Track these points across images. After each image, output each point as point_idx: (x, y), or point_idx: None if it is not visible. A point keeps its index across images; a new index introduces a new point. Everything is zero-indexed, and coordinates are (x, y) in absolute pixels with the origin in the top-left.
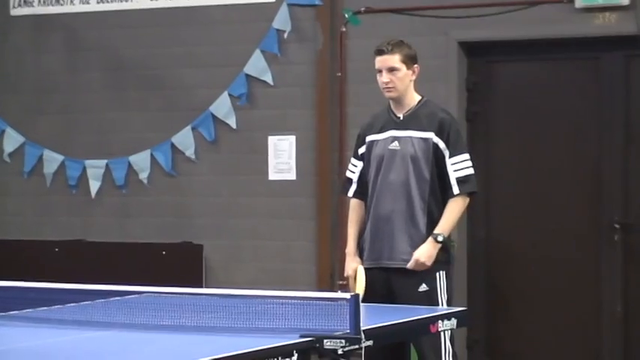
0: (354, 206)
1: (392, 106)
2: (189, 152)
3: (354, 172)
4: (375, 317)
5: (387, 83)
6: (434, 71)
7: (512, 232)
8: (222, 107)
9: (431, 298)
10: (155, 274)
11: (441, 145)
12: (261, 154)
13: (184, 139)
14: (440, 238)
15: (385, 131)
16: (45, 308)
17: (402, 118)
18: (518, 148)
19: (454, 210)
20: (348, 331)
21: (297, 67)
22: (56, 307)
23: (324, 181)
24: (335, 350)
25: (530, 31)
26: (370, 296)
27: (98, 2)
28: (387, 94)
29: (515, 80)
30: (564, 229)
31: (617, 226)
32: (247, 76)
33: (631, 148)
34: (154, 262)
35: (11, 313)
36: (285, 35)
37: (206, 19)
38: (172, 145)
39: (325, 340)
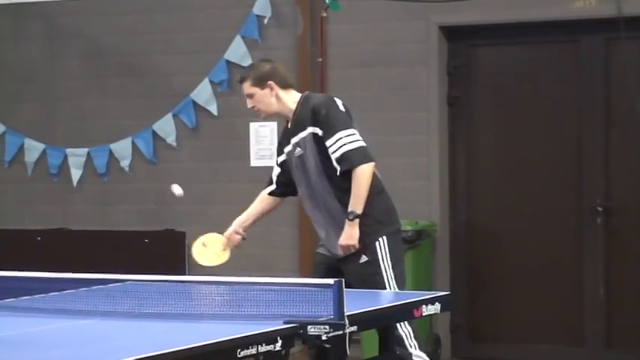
0: (263, 198)
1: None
2: (171, 139)
3: (273, 176)
4: (358, 303)
5: (252, 108)
6: (414, 56)
7: (494, 216)
8: (203, 94)
9: (374, 267)
10: (138, 262)
11: (318, 132)
12: (242, 140)
13: (165, 126)
14: (351, 217)
15: (289, 141)
16: (27, 297)
17: (292, 125)
18: (499, 132)
19: (354, 185)
20: (332, 316)
21: (277, 52)
22: (39, 295)
23: None
24: (319, 336)
25: (511, 15)
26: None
27: None
28: (261, 117)
29: (496, 64)
30: (546, 212)
31: (599, 209)
32: (228, 62)
33: (612, 131)
34: (136, 250)
35: None
36: (266, 21)
37: (186, 5)
38: (153, 132)
39: (309, 327)
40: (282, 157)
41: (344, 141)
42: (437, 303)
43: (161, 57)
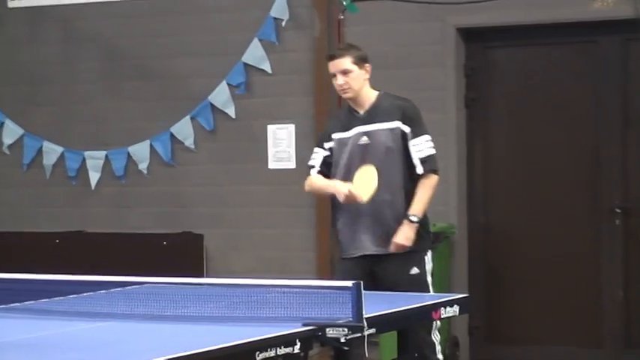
0: (317, 175)
1: (352, 105)
2: (189, 142)
3: (315, 159)
4: (377, 305)
5: (341, 85)
6: (431, 57)
7: (511, 217)
8: (221, 96)
9: (420, 281)
10: (156, 265)
11: (407, 129)
12: (260, 142)
13: (183, 129)
14: (414, 219)
15: (351, 128)
16: (46, 300)
17: (365, 114)
18: (516, 134)
19: (424, 189)
20: (351, 319)
21: (295, 54)
22: (57, 298)
23: None
24: (337, 339)
25: (528, 16)
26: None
27: None
28: (344, 96)
29: (513, 65)
30: (564, 214)
31: (617, 210)
32: (245, 64)
33: (629, 131)
34: (154, 253)
35: (12, 305)
36: (283, 23)
37: (204, 8)
38: (171, 135)
39: (328, 329)
40: (330, 144)
41: (430, 144)
42: (455, 305)
43: (179, 60)
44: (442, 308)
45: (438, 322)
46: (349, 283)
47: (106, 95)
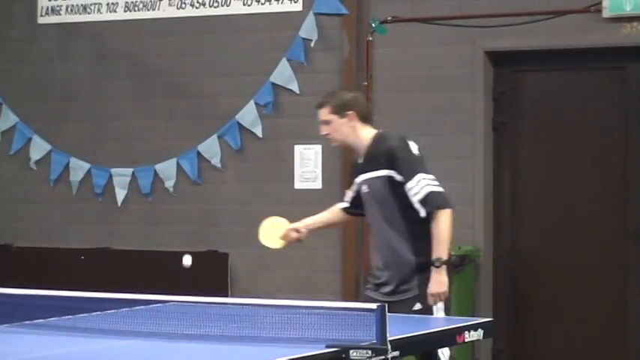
0: (335, 210)
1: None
2: (215, 161)
3: (347, 195)
4: (401, 327)
5: (325, 135)
6: (460, 81)
7: (538, 241)
8: (248, 116)
9: (425, 315)
10: (180, 283)
11: (397, 177)
12: (286, 162)
13: (210, 148)
14: (438, 264)
15: (357, 176)
16: (70, 316)
17: (363, 161)
18: (544, 158)
19: (438, 230)
20: (375, 341)
21: (323, 75)
22: (82, 315)
23: None
24: None
25: (557, 41)
26: None
27: (125, 10)
28: (332, 144)
29: (542, 90)
30: (591, 238)
31: None
32: (273, 84)
33: None
34: (179, 271)
35: (37, 321)
36: (312, 44)
37: (233, 27)
38: (198, 153)
39: (351, 351)
40: (355, 187)
41: (426, 182)
42: (479, 329)
43: (207, 79)
44: (466, 332)
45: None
46: (373, 306)
47: (134, 113)
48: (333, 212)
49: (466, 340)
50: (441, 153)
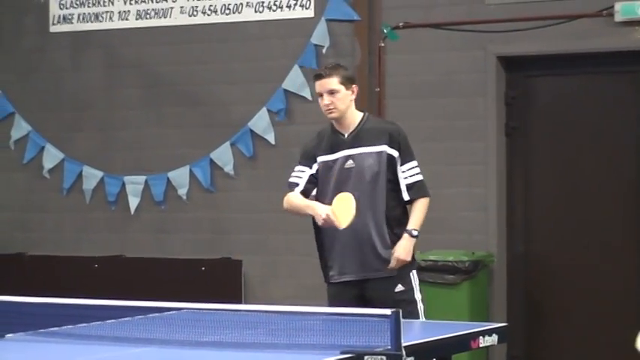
0: (298, 194)
1: (336, 126)
2: (228, 168)
3: (300, 178)
4: (415, 333)
5: (327, 105)
6: (472, 86)
7: (551, 247)
8: (261, 123)
9: (408, 297)
10: (194, 290)
11: (395, 154)
12: None
13: (223, 155)
14: (414, 233)
15: (336, 151)
16: (84, 324)
17: (350, 137)
18: (557, 163)
19: (421, 209)
20: (389, 347)
21: None
22: (95, 323)
23: None
24: None
25: (569, 45)
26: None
27: (137, 19)
28: (330, 116)
29: (554, 94)
30: (605, 243)
31: None
32: (286, 91)
33: None
34: (193, 278)
35: (51, 329)
36: (324, 50)
37: (244, 35)
38: (211, 160)
39: (366, 357)
40: (315, 166)
41: (417, 170)
42: (494, 334)
43: (219, 86)
44: (480, 337)
45: None
46: (388, 312)
47: (146, 121)
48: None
49: (480, 346)
50: (453, 158)
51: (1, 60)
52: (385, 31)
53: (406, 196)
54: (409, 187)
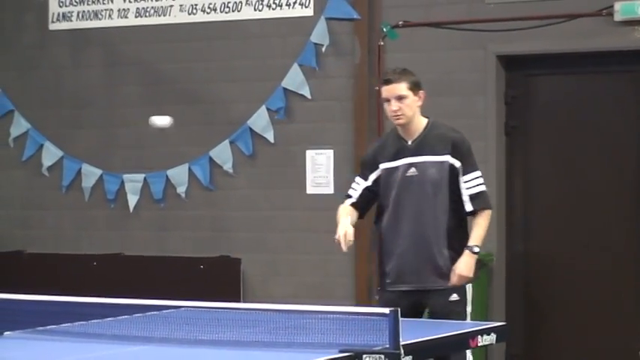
0: (347, 206)
1: (400, 132)
2: (227, 166)
3: (355, 190)
4: (414, 332)
5: (395, 112)
6: (472, 85)
7: (551, 245)
8: (260, 121)
9: (461, 307)
10: (193, 288)
11: (457, 164)
12: (298, 168)
13: (222, 153)
14: (476, 249)
15: (399, 158)
16: (83, 322)
17: (413, 144)
18: (556, 162)
19: (482, 224)
20: (388, 346)
21: (334, 80)
22: (94, 321)
23: None
24: None
25: (569, 45)
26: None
27: (136, 16)
28: (397, 122)
29: (554, 94)
30: (604, 242)
31: None
32: (285, 90)
33: None
34: (191, 276)
35: (49, 327)
36: (323, 49)
37: (244, 33)
38: (210, 159)
39: (364, 356)
40: (375, 175)
41: (480, 181)
42: (492, 333)
43: (218, 84)
44: (479, 336)
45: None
46: (386, 310)
47: (146, 119)
48: (351, 212)
49: (479, 345)
50: None
51: (1, 57)
52: (385, 29)
53: (469, 207)
54: (472, 197)
